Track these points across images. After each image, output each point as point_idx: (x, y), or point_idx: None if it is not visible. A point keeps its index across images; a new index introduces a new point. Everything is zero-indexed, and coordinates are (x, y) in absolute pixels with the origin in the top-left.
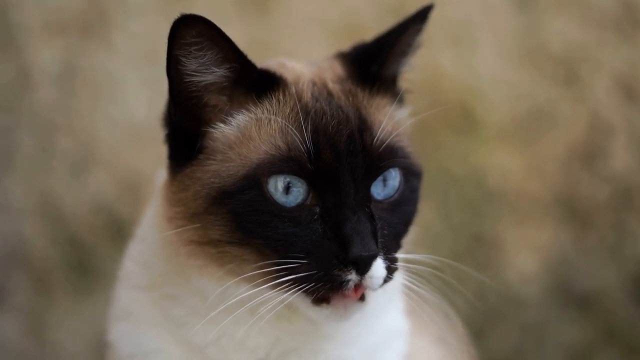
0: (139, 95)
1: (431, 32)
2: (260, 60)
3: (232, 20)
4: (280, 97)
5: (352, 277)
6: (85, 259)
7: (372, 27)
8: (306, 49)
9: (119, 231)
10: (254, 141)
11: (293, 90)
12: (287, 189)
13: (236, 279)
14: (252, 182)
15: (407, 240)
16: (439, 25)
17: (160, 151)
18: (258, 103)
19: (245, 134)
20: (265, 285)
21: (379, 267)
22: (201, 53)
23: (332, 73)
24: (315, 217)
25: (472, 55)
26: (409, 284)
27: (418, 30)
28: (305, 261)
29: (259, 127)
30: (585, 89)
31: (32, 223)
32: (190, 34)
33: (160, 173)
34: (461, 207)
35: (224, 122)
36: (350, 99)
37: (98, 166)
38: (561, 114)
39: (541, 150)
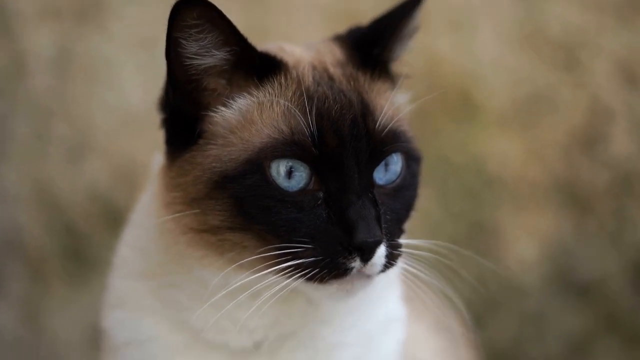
0: (135, 81)
1: (430, 16)
2: (259, 44)
3: (229, 5)
4: (282, 80)
5: (356, 264)
6: (81, 247)
7: (369, 12)
8: (303, 34)
9: (115, 219)
10: (256, 125)
11: (294, 73)
12: (290, 174)
13: (235, 266)
14: (255, 166)
15: (408, 225)
16: (438, 9)
17: (157, 138)
18: (260, 86)
19: (247, 118)
20: (267, 271)
21: (381, 254)
22: (202, 35)
23: (332, 57)
24: (319, 202)
25: (471, 39)
26: (409, 268)
27: (418, 13)
28: (309, 246)
29: (261, 111)
30: (585, 74)
31: (27, 211)
32: (191, 16)
33: (157, 158)
34: (460, 195)
35: (224, 105)
36: (352, 83)
37: (94, 153)
38: (561, 99)
39: (541, 135)
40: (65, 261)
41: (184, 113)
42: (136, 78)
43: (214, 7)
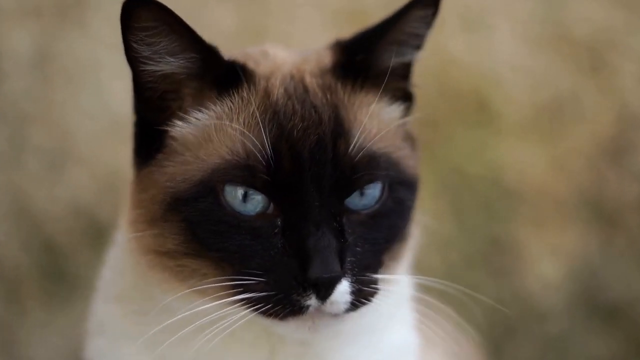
0: (120, 85)
1: (442, 14)
2: (256, 44)
3: (225, 2)
4: (245, 94)
5: (312, 302)
6: (61, 266)
7: (375, 11)
8: (304, 34)
9: (98, 235)
10: (213, 143)
11: (262, 86)
12: (246, 197)
13: (197, 294)
14: (208, 189)
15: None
16: (451, 7)
17: None
18: (219, 100)
19: (204, 135)
20: (225, 300)
21: (343, 291)
22: (153, 40)
23: (315, 65)
24: (277, 230)
25: (488, 39)
26: (420, 295)
27: (423, 17)
28: (262, 279)
29: (219, 128)
30: (612, 77)
31: (2, 225)
32: (141, 19)
33: None
34: (475, 208)
35: (181, 119)
36: (329, 95)
37: (75, 162)
38: (586, 105)
39: (564, 144)
40: (43, 281)
41: (147, 122)
42: (122, 81)
43: (166, 10)
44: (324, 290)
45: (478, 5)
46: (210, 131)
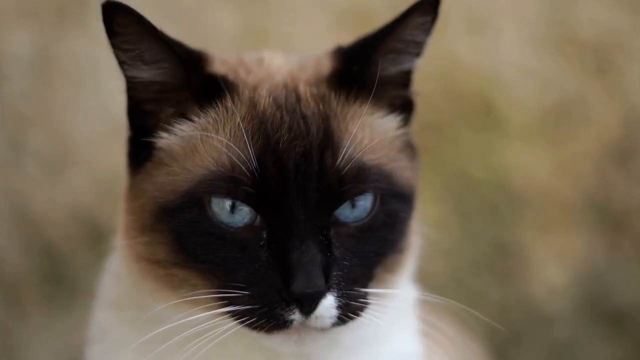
0: (121, 86)
1: (447, 16)
2: (257, 47)
3: (225, 4)
4: (229, 105)
5: (296, 317)
6: (61, 270)
7: (379, 13)
8: (306, 36)
9: (98, 239)
10: (200, 154)
11: (246, 96)
12: (233, 208)
13: (189, 304)
14: (194, 200)
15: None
16: (456, 9)
17: None
18: (202, 112)
19: (190, 146)
20: (214, 312)
21: (328, 305)
22: (127, 47)
23: (312, 73)
24: (262, 242)
25: (493, 41)
26: (427, 298)
27: (422, 24)
28: (247, 292)
29: (205, 140)
30: (620, 79)
31: (1, 230)
32: (115, 23)
33: None
34: (480, 213)
35: (166, 130)
36: (321, 105)
37: (75, 166)
38: (593, 108)
39: (570, 148)
40: (43, 285)
41: (139, 127)
42: (122, 82)
43: (136, 17)
44: (308, 306)
45: (483, 7)
46: (196, 142)
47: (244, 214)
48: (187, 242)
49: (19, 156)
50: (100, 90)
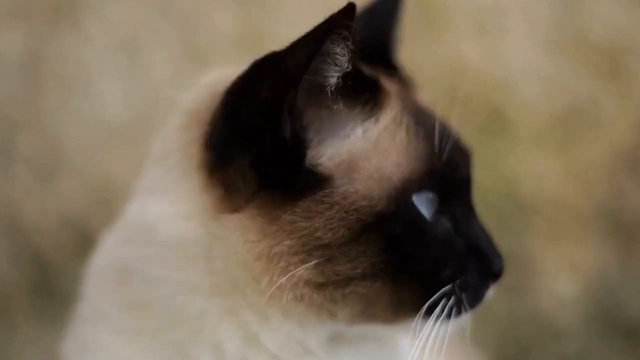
0: (115, 90)
1: (454, 17)
2: (254, 51)
3: (223, 5)
4: (388, 100)
5: (491, 290)
6: (51, 281)
7: None
8: None
9: (90, 249)
10: (391, 154)
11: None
12: (428, 203)
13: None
14: (404, 201)
15: None
16: (463, 10)
17: (140, 155)
18: (380, 111)
19: (378, 146)
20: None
21: None
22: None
23: None
24: (452, 232)
25: (501, 43)
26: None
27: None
28: (453, 285)
29: (392, 136)
30: (633, 83)
31: None
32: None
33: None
34: (488, 221)
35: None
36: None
37: (67, 172)
38: (605, 112)
39: (581, 154)
40: (33, 296)
41: (291, 146)
42: (116, 86)
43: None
44: (498, 280)
45: (492, 7)
46: (384, 142)
47: (433, 205)
48: (403, 246)
49: (8, 162)
50: (91, 93)
